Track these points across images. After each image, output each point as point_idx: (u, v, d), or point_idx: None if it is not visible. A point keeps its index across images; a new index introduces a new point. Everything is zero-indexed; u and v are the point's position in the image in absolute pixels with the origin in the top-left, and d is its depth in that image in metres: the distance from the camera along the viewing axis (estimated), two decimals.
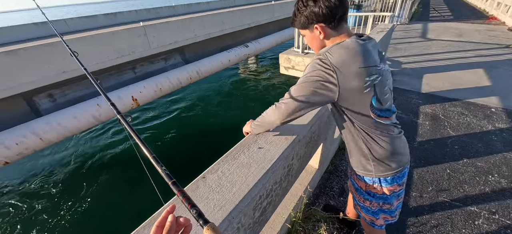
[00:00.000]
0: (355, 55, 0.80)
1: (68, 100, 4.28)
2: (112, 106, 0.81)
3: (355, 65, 0.80)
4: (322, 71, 0.81)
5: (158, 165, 0.57)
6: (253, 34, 7.85)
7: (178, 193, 0.51)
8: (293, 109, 0.90)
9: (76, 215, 4.53)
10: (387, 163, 0.99)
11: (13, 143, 3.51)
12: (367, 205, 1.17)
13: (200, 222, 0.45)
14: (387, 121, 0.93)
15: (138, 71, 5.07)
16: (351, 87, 0.82)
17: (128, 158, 5.95)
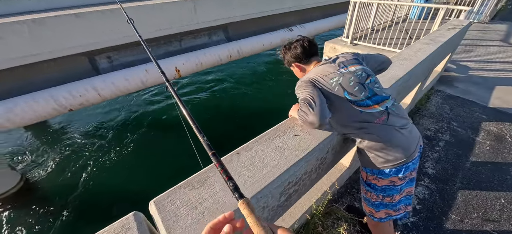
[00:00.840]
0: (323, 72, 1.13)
1: (121, 63, 4.76)
2: (162, 74, 0.87)
3: (323, 81, 1.10)
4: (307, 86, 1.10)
5: (200, 135, 0.59)
6: (294, 19, 7.51)
7: (216, 164, 0.53)
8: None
9: (118, 163, 5.18)
10: (384, 153, 1.05)
11: (77, 94, 4.10)
12: (368, 197, 1.23)
13: (236, 195, 0.47)
14: (373, 110, 1.05)
15: (183, 44, 5.34)
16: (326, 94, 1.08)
17: (166, 123, 6.49)
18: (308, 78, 1.10)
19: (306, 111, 0.97)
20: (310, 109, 0.96)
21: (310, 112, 0.96)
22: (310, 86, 1.05)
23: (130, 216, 0.75)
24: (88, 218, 4.14)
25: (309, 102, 0.98)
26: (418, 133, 1.16)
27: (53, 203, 4.42)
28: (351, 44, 4.09)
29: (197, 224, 0.72)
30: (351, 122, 1.07)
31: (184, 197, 0.80)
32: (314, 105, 0.97)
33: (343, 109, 1.06)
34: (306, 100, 0.99)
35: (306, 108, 0.98)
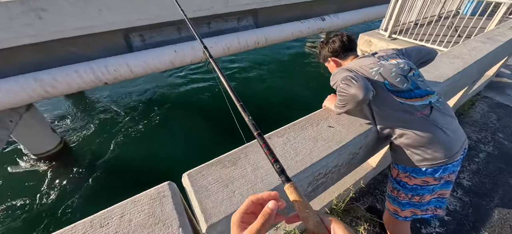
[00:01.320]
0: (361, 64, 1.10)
1: (152, 43, 4.94)
2: (205, 49, 0.87)
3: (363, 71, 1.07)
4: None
5: (245, 114, 0.58)
6: (332, 7, 7.11)
7: (263, 145, 0.52)
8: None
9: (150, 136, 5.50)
10: (422, 150, 0.98)
11: (112, 69, 4.36)
12: (395, 195, 1.18)
13: (282, 179, 0.45)
14: (415, 102, 0.98)
15: (212, 27, 5.37)
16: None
17: (198, 102, 6.69)
18: (344, 68, 1.06)
19: (348, 83, 0.91)
20: (353, 82, 0.90)
21: (353, 85, 0.90)
22: (347, 71, 1.01)
23: (165, 185, 0.78)
24: (120, 183, 4.51)
25: (351, 77, 0.92)
26: (464, 134, 1.07)
27: (88, 166, 4.87)
28: (390, 38, 3.79)
29: (228, 201, 0.73)
30: (391, 112, 1.00)
31: (216, 174, 0.81)
32: (357, 79, 0.91)
33: (382, 98, 1.00)
34: (347, 77, 0.93)
35: (348, 81, 0.92)
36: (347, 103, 0.94)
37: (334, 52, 1.21)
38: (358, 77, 0.92)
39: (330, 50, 1.22)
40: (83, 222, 0.68)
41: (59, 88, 4.00)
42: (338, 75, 1.01)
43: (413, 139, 0.98)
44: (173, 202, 0.73)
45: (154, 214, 0.70)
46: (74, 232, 0.65)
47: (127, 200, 0.74)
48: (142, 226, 0.67)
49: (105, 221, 0.68)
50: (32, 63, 3.88)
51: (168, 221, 0.68)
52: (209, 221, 0.68)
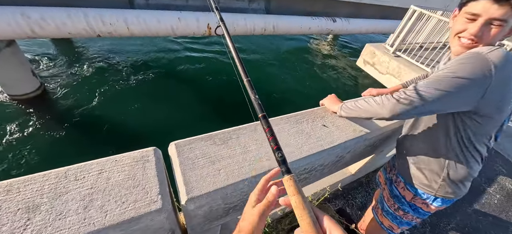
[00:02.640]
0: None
1: (157, 4, 4.69)
2: (221, 22, 0.82)
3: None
4: (479, 69, 0.69)
5: (252, 91, 0.54)
6: (346, 10, 7.02)
7: (266, 130, 0.49)
8: (418, 105, 0.75)
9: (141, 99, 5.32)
10: (458, 186, 0.92)
11: (108, 21, 4.11)
12: (400, 215, 1.12)
13: (283, 169, 0.44)
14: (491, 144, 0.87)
15: (222, 3, 5.17)
16: (498, 98, 0.73)
17: (199, 75, 6.51)
18: (490, 65, 0.69)
19: (397, 104, 0.79)
20: (406, 106, 0.77)
21: (400, 107, 0.78)
22: (460, 87, 0.72)
23: (150, 150, 0.75)
24: (100, 142, 4.36)
25: (418, 104, 0.76)
26: None
27: (67, 118, 4.67)
28: (393, 54, 3.84)
29: (212, 178, 0.72)
30: (461, 146, 0.85)
31: (204, 149, 0.79)
32: (414, 108, 0.77)
33: (476, 133, 0.82)
34: (417, 100, 0.76)
35: (409, 102, 0.77)
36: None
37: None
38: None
39: None
40: (57, 171, 0.64)
41: (47, 30, 3.74)
42: (465, 69, 0.71)
43: (460, 174, 0.89)
44: (156, 169, 0.71)
45: (134, 177, 0.67)
46: (46, 180, 0.62)
47: (107, 158, 0.71)
48: (119, 186, 0.64)
49: (82, 175, 0.65)
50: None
51: (148, 186, 0.66)
52: (190, 193, 0.67)
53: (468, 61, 0.71)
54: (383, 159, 2.38)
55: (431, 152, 0.92)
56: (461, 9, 0.78)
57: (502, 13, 0.69)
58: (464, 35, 0.77)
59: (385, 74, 3.97)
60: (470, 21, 0.75)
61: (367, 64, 4.15)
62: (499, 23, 0.70)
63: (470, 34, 0.75)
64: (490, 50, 0.70)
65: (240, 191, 0.78)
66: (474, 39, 0.75)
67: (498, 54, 0.69)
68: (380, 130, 1.14)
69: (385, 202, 1.20)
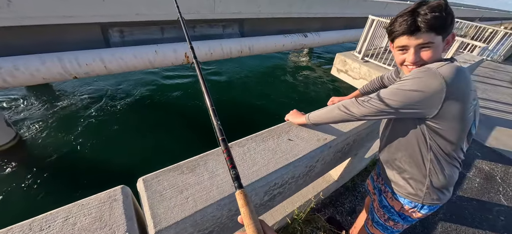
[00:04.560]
0: (466, 77, 0.79)
1: (133, 40, 4.79)
2: (191, 50, 0.88)
3: (467, 87, 0.79)
4: (430, 83, 0.76)
5: (215, 118, 0.60)
6: (316, 25, 7.51)
7: (224, 150, 0.54)
8: (378, 110, 0.86)
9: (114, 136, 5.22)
10: (442, 192, 0.96)
11: (84, 63, 4.12)
12: (390, 225, 1.14)
13: (235, 184, 0.49)
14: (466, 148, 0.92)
15: (197, 31, 5.36)
16: (456, 110, 0.79)
17: (167, 105, 6.52)
18: (439, 79, 0.76)
19: (360, 107, 0.90)
20: (365, 109, 0.89)
21: (362, 110, 0.90)
22: (410, 98, 0.80)
23: (118, 188, 0.77)
24: (77, 184, 4.18)
25: (376, 109, 0.87)
26: None
27: (44, 165, 4.46)
28: (362, 60, 4.10)
29: (180, 207, 0.75)
30: (435, 154, 0.90)
31: (172, 180, 0.82)
32: (373, 113, 0.88)
33: (443, 140, 0.86)
34: (377, 105, 0.86)
35: (368, 105, 0.88)
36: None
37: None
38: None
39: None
40: (21, 224, 0.65)
41: (19, 79, 3.68)
42: (414, 82, 0.79)
43: (441, 181, 0.93)
44: (124, 207, 0.73)
45: (101, 218, 0.69)
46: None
47: (74, 203, 0.72)
48: (86, 230, 0.66)
49: (47, 224, 0.66)
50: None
51: (115, 225, 0.67)
52: (158, 226, 0.69)
53: (420, 76, 0.78)
54: (363, 161, 2.46)
55: (411, 161, 0.96)
56: (393, 43, 0.89)
57: (423, 41, 0.79)
58: (407, 63, 0.87)
59: (358, 79, 4.20)
60: (403, 52, 0.87)
61: (340, 72, 4.39)
62: (427, 46, 0.80)
63: (410, 62, 0.86)
64: (440, 66, 0.78)
65: (211, 215, 0.81)
66: (417, 63, 0.85)
67: (448, 68, 0.77)
68: (344, 135, 1.22)
69: (375, 213, 1.21)
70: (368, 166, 2.68)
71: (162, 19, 4.61)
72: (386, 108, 0.84)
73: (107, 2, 3.91)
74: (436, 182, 0.93)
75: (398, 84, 0.83)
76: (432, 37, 0.78)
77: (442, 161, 0.90)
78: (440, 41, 0.80)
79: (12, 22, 3.34)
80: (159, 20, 4.62)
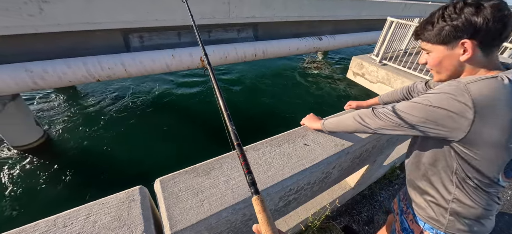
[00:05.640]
0: (509, 101, 0.63)
1: (151, 45, 4.97)
2: (205, 56, 0.90)
3: (507, 114, 0.63)
4: (455, 101, 0.65)
5: (230, 123, 0.60)
6: (330, 28, 7.39)
7: (240, 155, 0.54)
8: (396, 124, 0.78)
9: (134, 138, 5.42)
10: (469, 224, 0.83)
11: (106, 66, 4.34)
12: None
13: (252, 190, 0.48)
14: (506, 183, 0.78)
15: (212, 36, 5.46)
16: (490, 137, 0.65)
17: (185, 109, 6.69)
18: (468, 100, 0.64)
19: (375, 118, 0.84)
20: (381, 121, 0.82)
21: (377, 122, 0.83)
22: (432, 116, 0.70)
23: (136, 189, 0.79)
24: (98, 182, 4.39)
25: (393, 123, 0.79)
26: None
27: (68, 163, 4.72)
28: (380, 63, 3.96)
29: (195, 210, 0.75)
30: (463, 181, 0.78)
31: (187, 182, 0.83)
32: (389, 126, 0.81)
33: (473, 170, 0.75)
34: (393, 118, 0.79)
35: (383, 118, 0.82)
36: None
37: (488, 33, 0.65)
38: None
39: (486, 24, 0.64)
40: (46, 220, 0.68)
41: (48, 81, 3.94)
42: (438, 99, 0.69)
43: (469, 211, 0.81)
44: (142, 207, 0.74)
45: (120, 218, 0.70)
46: (36, 230, 0.65)
47: (95, 202, 0.75)
48: (106, 229, 0.67)
49: (70, 221, 0.68)
50: (25, 53, 3.83)
51: (132, 225, 0.69)
52: (173, 228, 0.69)
53: (446, 90, 0.68)
54: (382, 169, 2.36)
55: (433, 183, 0.86)
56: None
57: (423, 47, 0.80)
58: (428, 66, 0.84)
59: (376, 82, 4.06)
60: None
61: (356, 76, 4.27)
62: (426, 52, 0.80)
63: (421, 63, 0.86)
64: (474, 80, 0.65)
65: (225, 219, 0.80)
66: (429, 67, 0.82)
67: (481, 85, 0.64)
68: (362, 141, 1.17)
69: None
70: (387, 173, 2.56)
71: (179, 24, 4.75)
72: (402, 124, 0.76)
73: (129, 9, 4.10)
74: (462, 210, 0.81)
75: (420, 97, 0.75)
76: (429, 46, 0.77)
77: (469, 189, 0.77)
78: (443, 50, 0.73)
79: (43, 29, 3.59)
80: (176, 25, 4.77)
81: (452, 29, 0.69)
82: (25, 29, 3.48)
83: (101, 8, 3.85)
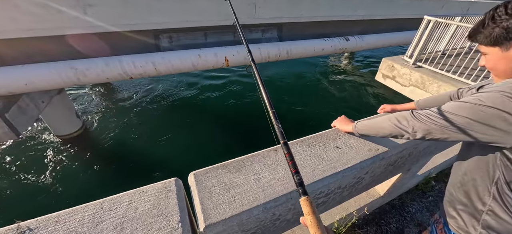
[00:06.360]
0: None
1: (179, 45, 5.19)
2: (249, 53, 0.93)
3: None
4: (510, 101, 0.60)
5: (276, 121, 0.60)
6: (359, 28, 7.08)
7: (286, 155, 0.54)
8: (439, 127, 0.71)
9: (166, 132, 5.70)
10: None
11: (139, 65, 4.63)
12: None
13: (300, 190, 0.48)
14: None
15: (236, 36, 5.54)
16: None
17: (219, 107, 6.88)
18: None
19: (416, 121, 0.77)
20: (424, 125, 0.75)
21: (420, 125, 0.76)
22: (486, 118, 0.63)
23: (172, 180, 0.83)
24: (133, 173, 4.69)
25: (439, 126, 0.72)
26: None
27: (104, 152, 5.12)
28: (414, 65, 3.70)
29: (227, 205, 0.76)
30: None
31: (219, 177, 0.85)
32: (434, 130, 0.73)
33: None
34: (439, 121, 0.71)
35: (426, 121, 0.75)
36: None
37: None
38: None
39: None
40: (95, 203, 0.74)
41: (89, 78, 4.31)
42: (493, 99, 0.63)
43: (503, 226, 0.74)
44: (177, 198, 0.78)
45: (158, 206, 0.74)
46: (86, 211, 0.72)
47: (136, 189, 0.80)
48: (146, 215, 0.72)
49: (114, 205, 0.74)
50: (70, 52, 4.23)
51: (170, 214, 0.72)
52: (207, 221, 0.72)
53: (502, 88, 0.63)
54: (415, 178, 2.21)
55: (468, 189, 0.81)
56: None
57: (480, 48, 0.76)
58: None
59: (408, 86, 3.80)
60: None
61: (386, 78, 4.03)
62: (483, 54, 0.76)
63: (481, 66, 0.81)
64: None
65: (255, 217, 0.80)
66: (492, 71, 0.77)
67: None
68: (399, 147, 1.10)
69: None
70: (420, 183, 2.39)
71: (206, 25, 4.90)
72: (447, 127, 0.69)
73: (163, 11, 4.33)
74: (495, 224, 0.74)
75: (470, 97, 0.69)
76: (483, 48, 0.74)
77: (508, 202, 0.71)
78: (498, 52, 0.69)
79: (87, 30, 3.94)
80: (203, 26, 4.93)
81: (503, 31, 0.66)
82: (72, 30, 3.85)
83: (137, 10, 4.12)
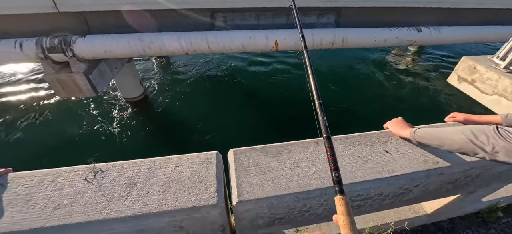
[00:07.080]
0: None
1: (232, 25, 5.32)
2: (302, 39, 0.91)
3: None
4: None
5: (321, 113, 0.58)
6: (433, 18, 5.96)
7: (328, 149, 0.52)
8: None
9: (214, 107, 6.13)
10: None
11: (194, 42, 4.96)
12: None
13: (336, 188, 0.46)
14: None
15: (290, 19, 5.36)
16: None
17: (266, 91, 7.02)
18: None
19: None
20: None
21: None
22: None
23: (213, 153, 0.89)
24: (180, 140, 5.27)
25: None
26: None
27: (158, 117, 5.85)
28: (505, 69, 2.98)
29: (260, 186, 0.79)
30: None
31: (257, 159, 0.88)
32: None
33: None
34: None
35: None
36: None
37: None
38: None
39: None
40: (149, 160, 0.86)
41: (152, 50, 4.85)
42: None
43: None
44: (216, 170, 0.84)
45: (199, 174, 0.82)
46: (142, 166, 0.84)
47: (182, 155, 0.89)
48: (188, 179, 0.80)
49: (165, 165, 0.84)
50: (140, 25, 4.80)
51: (208, 183, 0.79)
52: (240, 197, 0.76)
53: None
54: (477, 204, 1.87)
55: None
56: None
57: None
58: None
59: (491, 94, 3.11)
60: None
61: (462, 81, 3.37)
62: None
63: None
64: None
65: (286, 204, 0.81)
66: None
67: None
68: (466, 164, 0.94)
69: None
70: (481, 211, 2.02)
71: (259, 6, 4.86)
72: None
73: None
74: None
75: None
76: None
77: None
78: None
79: (154, 6, 4.39)
80: (257, 7, 4.90)
81: None
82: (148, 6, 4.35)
83: None
